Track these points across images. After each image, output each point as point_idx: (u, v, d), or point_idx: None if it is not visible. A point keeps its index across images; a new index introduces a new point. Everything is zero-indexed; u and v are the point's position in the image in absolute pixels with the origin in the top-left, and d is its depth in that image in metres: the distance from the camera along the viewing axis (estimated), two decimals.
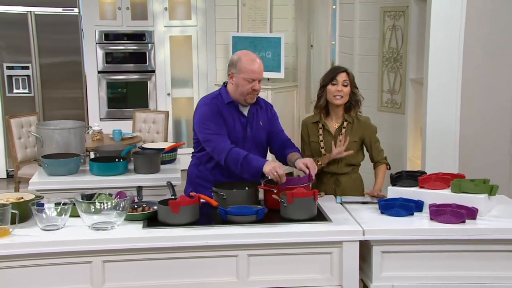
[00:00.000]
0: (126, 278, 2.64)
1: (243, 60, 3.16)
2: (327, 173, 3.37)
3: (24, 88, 6.68)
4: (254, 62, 3.16)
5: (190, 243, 2.64)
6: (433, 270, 2.74)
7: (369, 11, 5.08)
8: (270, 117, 3.35)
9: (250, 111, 3.26)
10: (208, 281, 2.67)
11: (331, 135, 3.35)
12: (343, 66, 3.46)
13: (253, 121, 3.25)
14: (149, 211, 2.85)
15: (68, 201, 2.74)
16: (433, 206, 2.82)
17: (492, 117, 4.11)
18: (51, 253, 2.58)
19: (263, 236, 2.67)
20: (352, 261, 2.70)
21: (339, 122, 3.36)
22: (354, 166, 3.38)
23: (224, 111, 3.19)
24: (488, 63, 4.06)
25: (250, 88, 3.15)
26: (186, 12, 6.95)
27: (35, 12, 6.60)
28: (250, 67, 3.14)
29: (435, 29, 3.90)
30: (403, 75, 4.85)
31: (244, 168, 3.03)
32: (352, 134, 3.33)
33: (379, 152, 3.39)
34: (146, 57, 6.88)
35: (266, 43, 6.48)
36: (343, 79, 3.29)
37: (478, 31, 3.99)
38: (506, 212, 2.94)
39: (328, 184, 3.38)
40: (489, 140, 4.12)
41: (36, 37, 6.62)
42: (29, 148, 5.49)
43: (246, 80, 3.14)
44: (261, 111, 3.31)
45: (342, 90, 3.28)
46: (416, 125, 4.66)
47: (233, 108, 3.22)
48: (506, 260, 2.74)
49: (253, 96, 3.19)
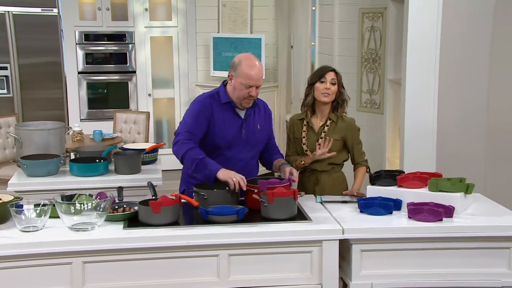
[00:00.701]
0: (106, 279, 2.62)
1: (243, 64, 3.12)
2: (307, 170, 3.39)
3: (2, 88, 6.60)
4: (253, 68, 3.11)
5: (171, 243, 2.63)
6: (411, 268, 2.77)
7: (348, 13, 5.11)
8: (267, 119, 3.34)
9: (247, 113, 3.23)
10: (189, 281, 2.67)
11: (314, 133, 3.37)
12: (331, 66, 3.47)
13: (249, 123, 3.23)
14: (130, 211, 2.83)
15: (47, 202, 2.71)
16: (411, 205, 2.85)
17: (468, 117, 4.16)
18: (30, 254, 2.55)
19: (244, 235, 2.68)
20: (331, 259, 2.72)
21: (324, 121, 3.38)
22: (335, 165, 3.40)
23: (218, 111, 3.17)
24: (464, 63, 4.11)
25: (247, 93, 3.12)
26: (166, 13, 6.92)
27: (13, 12, 6.51)
28: (248, 72, 3.10)
29: (412, 30, 3.94)
30: (382, 76, 4.89)
31: (199, 168, 3.02)
32: (335, 133, 3.35)
33: (360, 155, 3.41)
34: (127, 57, 6.84)
35: (246, 44, 6.48)
36: (331, 77, 3.32)
37: (454, 32, 4.03)
38: (482, 210, 2.98)
39: (307, 182, 3.40)
40: (465, 140, 4.17)
41: (14, 37, 6.53)
42: (8, 149, 5.43)
43: (243, 85, 3.11)
44: (258, 114, 3.29)
45: (329, 88, 3.31)
46: (395, 125, 4.70)
47: (230, 109, 3.20)
48: (482, 257, 2.78)
49: (248, 101, 3.16)
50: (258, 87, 3.16)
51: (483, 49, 4.09)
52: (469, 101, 4.14)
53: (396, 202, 2.93)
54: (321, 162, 3.34)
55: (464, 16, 4.06)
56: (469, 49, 4.10)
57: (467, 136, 4.17)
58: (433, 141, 4.02)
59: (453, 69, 4.07)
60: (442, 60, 3.99)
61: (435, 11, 3.92)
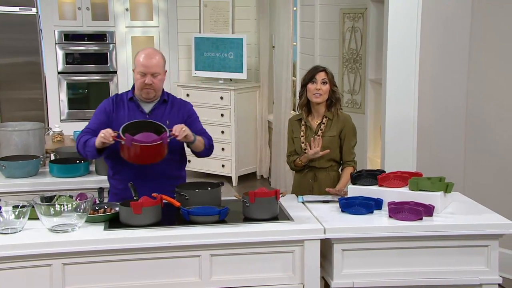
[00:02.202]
0: (87, 281, 2.60)
1: (138, 54, 3.17)
2: (305, 167, 3.42)
3: None
4: (146, 55, 3.11)
5: (152, 244, 2.62)
6: (392, 267, 2.79)
7: (329, 13, 5.13)
8: (185, 118, 3.24)
9: (153, 108, 3.20)
10: (170, 281, 2.66)
11: (312, 132, 3.41)
12: (322, 66, 3.50)
13: (154, 119, 3.14)
14: (111, 212, 2.81)
15: (26, 204, 2.68)
16: (392, 204, 2.87)
17: (447, 116, 4.20)
18: (9, 256, 2.52)
19: (226, 236, 2.67)
20: (313, 259, 2.72)
21: (320, 119, 3.43)
22: (334, 161, 3.42)
23: (124, 107, 3.18)
24: (443, 63, 4.15)
25: (143, 82, 3.10)
26: (147, 12, 6.88)
27: None
28: (141, 59, 3.11)
29: (392, 31, 3.96)
30: (363, 76, 4.92)
31: (86, 148, 3.05)
32: (331, 130, 3.40)
33: (350, 154, 3.43)
34: (108, 57, 6.79)
35: (228, 44, 6.48)
36: (322, 77, 3.36)
37: (434, 32, 4.07)
38: (461, 208, 3.01)
39: (305, 178, 3.42)
40: (445, 138, 4.21)
41: None
42: None
43: (139, 74, 3.12)
44: (169, 110, 3.22)
45: (321, 89, 3.34)
46: (376, 124, 4.73)
47: (134, 104, 3.20)
48: (462, 255, 2.81)
49: (147, 91, 3.13)
50: (154, 75, 3.11)
51: (462, 48, 4.13)
52: (448, 100, 4.19)
53: (377, 202, 2.95)
54: (319, 160, 3.37)
55: (443, 16, 4.10)
56: (448, 48, 4.14)
57: (446, 135, 4.21)
58: (413, 141, 4.06)
59: (432, 69, 4.11)
60: (422, 60, 4.03)
61: (415, 11, 3.96)
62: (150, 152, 2.93)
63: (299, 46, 5.71)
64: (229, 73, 6.52)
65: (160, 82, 3.17)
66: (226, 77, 6.54)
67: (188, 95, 6.54)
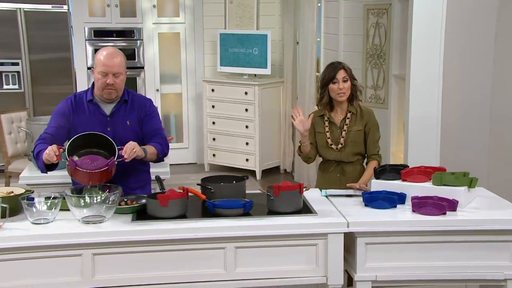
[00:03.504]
0: (115, 271, 2.63)
1: (98, 54, 3.02)
2: (332, 162, 3.40)
3: (14, 84, 6.62)
4: (107, 55, 2.97)
5: (178, 236, 2.63)
6: (415, 261, 2.76)
7: (353, 9, 5.08)
8: (142, 116, 3.12)
9: (113, 110, 3.08)
10: (196, 273, 2.67)
11: (337, 127, 3.40)
12: (338, 62, 3.46)
13: (116, 121, 3.07)
14: (138, 204, 2.83)
15: (58, 195, 2.71)
16: (415, 199, 2.84)
17: (472, 112, 4.14)
18: (41, 246, 2.56)
19: (250, 228, 2.67)
20: (337, 252, 2.71)
21: (344, 114, 3.41)
22: (360, 155, 3.41)
23: (83, 110, 3.06)
24: (468, 59, 4.08)
25: (105, 82, 2.97)
26: (174, 9, 6.91)
27: (24, 8, 6.53)
28: (101, 58, 2.97)
29: (417, 26, 3.92)
30: (386, 71, 4.87)
31: (38, 161, 2.90)
32: (356, 124, 3.38)
33: (374, 147, 3.42)
34: (135, 53, 6.83)
35: (253, 40, 6.47)
36: (342, 76, 3.33)
37: (458, 27, 4.00)
38: (485, 204, 2.96)
39: (333, 173, 3.42)
40: (469, 134, 4.15)
41: (26, 33, 6.55)
42: (20, 143, 5.44)
43: (100, 74, 2.98)
44: (130, 110, 3.11)
45: (343, 87, 3.32)
46: (399, 119, 4.68)
47: (94, 106, 3.07)
48: (486, 250, 2.76)
49: (109, 91, 3.00)
50: (116, 75, 2.98)
51: (487, 43, 4.05)
52: (473, 95, 4.12)
53: (401, 196, 2.92)
54: (347, 153, 3.37)
55: (468, 10, 4.02)
56: (473, 43, 4.07)
57: (470, 130, 4.14)
58: (437, 136, 4.01)
59: (457, 64, 4.05)
60: (446, 55, 3.97)
61: (440, 6, 3.91)
62: (95, 177, 2.77)
63: (323, 42, 5.67)
64: (254, 69, 6.51)
65: (122, 82, 3.03)
66: (250, 72, 6.54)
67: (213, 90, 6.55)
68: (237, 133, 6.47)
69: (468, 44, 4.07)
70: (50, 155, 2.77)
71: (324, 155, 3.44)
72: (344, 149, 3.38)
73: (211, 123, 6.62)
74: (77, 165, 2.77)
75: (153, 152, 3.05)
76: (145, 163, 3.24)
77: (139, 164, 3.17)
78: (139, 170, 3.22)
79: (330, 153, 3.41)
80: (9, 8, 6.50)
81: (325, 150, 3.42)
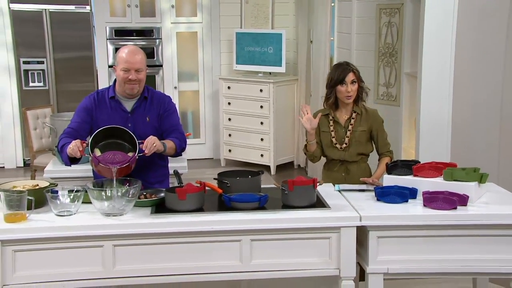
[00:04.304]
0: (135, 261, 2.64)
1: (119, 52, 3.07)
2: (337, 161, 3.37)
3: (39, 81, 6.68)
4: (128, 52, 3.02)
5: (196, 228, 2.63)
6: (426, 254, 2.73)
7: (366, 8, 5.04)
8: (161, 112, 3.15)
9: (134, 106, 3.11)
10: (212, 264, 2.67)
11: (341, 126, 3.36)
12: (347, 63, 3.40)
13: (136, 117, 3.10)
14: (157, 198, 2.84)
15: (80, 188, 2.73)
16: (426, 193, 2.81)
17: (482, 109, 4.08)
18: (65, 237, 2.58)
19: (265, 222, 2.66)
20: (349, 245, 2.69)
21: (349, 114, 3.37)
22: (363, 155, 3.38)
23: (106, 106, 3.09)
24: (479, 57, 4.02)
25: (127, 78, 3.00)
26: (192, 9, 6.91)
27: (49, 9, 6.58)
28: (123, 55, 3.01)
29: (428, 25, 3.87)
30: (398, 69, 4.82)
31: (62, 154, 2.93)
32: (361, 125, 3.35)
33: (385, 145, 3.39)
34: (154, 52, 6.85)
35: (268, 39, 6.45)
36: (351, 79, 3.28)
37: (469, 27, 3.95)
38: (495, 199, 2.92)
39: (338, 172, 3.38)
40: (479, 131, 4.10)
41: (50, 33, 6.61)
42: (44, 139, 5.49)
43: (122, 70, 3.01)
44: (149, 106, 3.13)
45: (351, 90, 3.28)
46: (411, 116, 4.64)
47: (115, 103, 3.10)
48: (496, 244, 2.73)
49: (131, 86, 3.04)
50: (138, 71, 3.02)
51: (498, 43, 3.99)
52: (484, 93, 4.06)
53: (412, 191, 2.89)
54: (351, 153, 3.33)
55: (479, 10, 3.96)
56: (484, 42, 4.01)
57: (481, 127, 4.09)
58: (448, 132, 3.96)
59: (468, 63, 3.99)
60: (458, 53, 3.92)
61: (451, 7, 3.86)
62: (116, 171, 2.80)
63: (336, 41, 5.63)
64: (269, 67, 6.49)
65: (143, 78, 3.07)
66: (265, 70, 6.52)
67: (229, 87, 6.55)
68: (252, 129, 6.46)
69: (479, 43, 4.01)
70: (74, 150, 2.80)
71: (328, 154, 3.40)
72: (349, 149, 3.34)
73: (227, 119, 6.62)
74: (100, 161, 2.80)
75: (172, 147, 3.07)
76: (163, 158, 3.25)
77: (158, 160, 3.19)
78: (158, 165, 3.23)
79: (334, 153, 3.37)
80: (35, 9, 6.56)
81: (329, 149, 3.38)
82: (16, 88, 6.66)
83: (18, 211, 2.59)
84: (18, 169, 6.70)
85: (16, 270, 2.56)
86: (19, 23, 6.54)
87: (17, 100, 6.65)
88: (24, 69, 6.61)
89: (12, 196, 2.59)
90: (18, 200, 2.58)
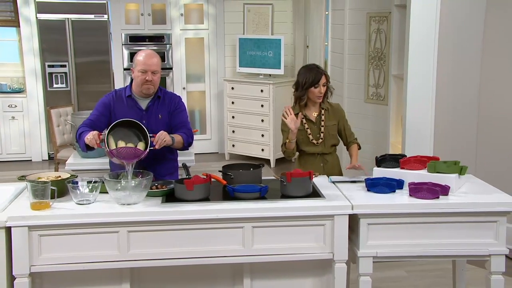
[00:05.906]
0: (147, 246, 2.62)
1: (137, 55, 3.07)
2: (315, 154, 3.36)
3: (62, 83, 6.68)
4: (146, 55, 3.03)
5: (202, 216, 2.62)
6: (411, 239, 2.71)
7: (357, 16, 5.01)
8: (172, 110, 3.15)
9: (148, 105, 3.11)
10: (217, 249, 2.65)
11: (313, 123, 3.35)
12: (317, 66, 3.37)
13: (150, 114, 3.10)
14: (167, 188, 2.82)
15: (98, 180, 2.71)
16: (412, 184, 2.79)
17: (461, 108, 4.07)
18: (84, 223, 2.57)
19: (266, 210, 2.65)
20: (342, 232, 2.67)
21: (317, 111, 3.36)
22: (335, 145, 3.41)
23: (120, 104, 3.10)
24: (458, 60, 4.01)
25: (144, 79, 3.01)
26: (199, 17, 6.88)
27: (71, 18, 6.58)
28: (141, 58, 3.02)
29: (414, 32, 3.87)
30: (386, 72, 4.80)
31: (80, 141, 2.94)
32: (330, 119, 3.35)
33: (351, 134, 3.41)
34: (165, 56, 6.83)
35: (268, 44, 6.42)
36: (323, 81, 3.29)
37: (450, 33, 3.94)
38: (474, 189, 2.91)
39: (316, 164, 3.37)
40: (459, 128, 4.09)
41: (72, 40, 6.60)
42: (66, 134, 5.48)
43: (139, 72, 3.02)
44: (162, 105, 3.14)
45: (323, 91, 3.30)
46: (398, 114, 4.62)
47: (132, 101, 3.11)
48: (474, 230, 2.71)
49: (147, 87, 3.04)
50: (154, 72, 3.03)
51: (475, 48, 3.99)
52: (463, 94, 4.05)
53: (399, 182, 2.87)
54: (327, 146, 3.34)
55: (459, 18, 3.96)
56: (463, 49, 4.00)
57: (460, 124, 4.08)
58: (431, 129, 3.96)
59: (449, 66, 3.98)
60: (440, 57, 3.92)
61: (433, 16, 3.87)
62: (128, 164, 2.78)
63: (330, 46, 5.60)
64: (269, 69, 6.47)
65: (158, 79, 3.08)
66: (265, 72, 6.49)
67: (232, 88, 6.53)
68: (253, 126, 6.45)
69: (459, 48, 4.00)
70: (92, 142, 2.82)
71: (306, 150, 3.36)
72: (324, 143, 3.34)
73: (231, 117, 6.60)
74: (114, 155, 2.80)
75: (180, 141, 3.08)
76: (173, 152, 3.24)
77: (168, 154, 3.19)
78: (168, 159, 3.22)
79: (312, 148, 3.34)
80: (58, 18, 6.57)
81: (307, 145, 3.35)
82: (42, 89, 6.66)
83: (43, 200, 2.58)
84: (43, 162, 6.71)
85: (42, 252, 2.55)
86: (45, 31, 6.54)
87: (43, 100, 6.66)
88: (48, 72, 6.61)
89: (37, 186, 2.58)
90: (43, 190, 2.58)
